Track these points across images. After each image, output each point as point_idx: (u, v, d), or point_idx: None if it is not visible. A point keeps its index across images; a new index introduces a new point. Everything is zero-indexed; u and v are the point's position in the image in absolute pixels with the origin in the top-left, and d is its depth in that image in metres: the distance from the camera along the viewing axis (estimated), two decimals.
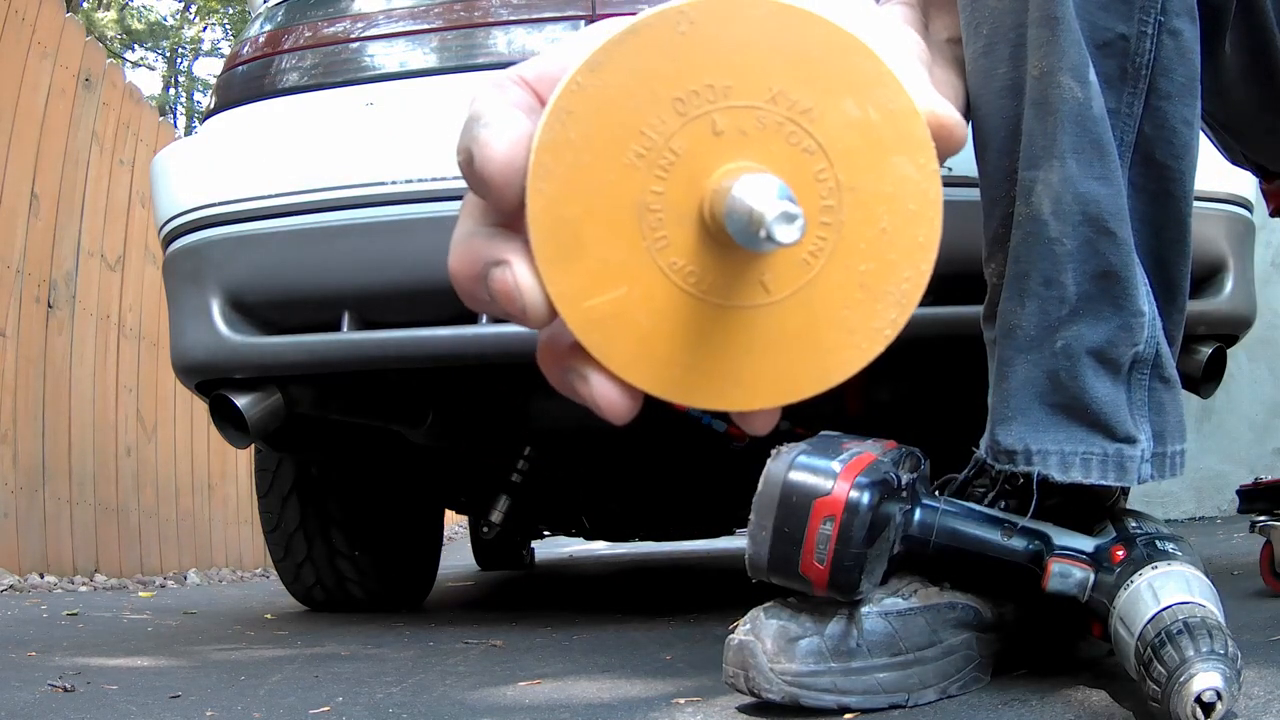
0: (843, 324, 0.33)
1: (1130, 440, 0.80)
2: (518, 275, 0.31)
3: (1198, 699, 0.65)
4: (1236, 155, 1.07)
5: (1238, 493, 1.50)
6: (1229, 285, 1.50)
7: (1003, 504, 0.86)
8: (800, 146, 0.31)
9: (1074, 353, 0.79)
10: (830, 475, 0.79)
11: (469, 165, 0.32)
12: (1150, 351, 0.79)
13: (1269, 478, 1.50)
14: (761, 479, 0.80)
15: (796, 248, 0.31)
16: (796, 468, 0.80)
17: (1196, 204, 1.42)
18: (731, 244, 0.30)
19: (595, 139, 0.31)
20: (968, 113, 0.81)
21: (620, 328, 0.31)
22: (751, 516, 0.81)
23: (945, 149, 0.35)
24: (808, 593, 0.81)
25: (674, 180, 0.31)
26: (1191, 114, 0.78)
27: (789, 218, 0.28)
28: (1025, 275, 0.80)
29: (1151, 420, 0.81)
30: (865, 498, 0.78)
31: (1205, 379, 1.54)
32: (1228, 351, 1.57)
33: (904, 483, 0.82)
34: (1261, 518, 1.36)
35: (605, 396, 0.33)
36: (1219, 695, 0.65)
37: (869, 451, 0.82)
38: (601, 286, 0.31)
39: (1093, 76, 0.74)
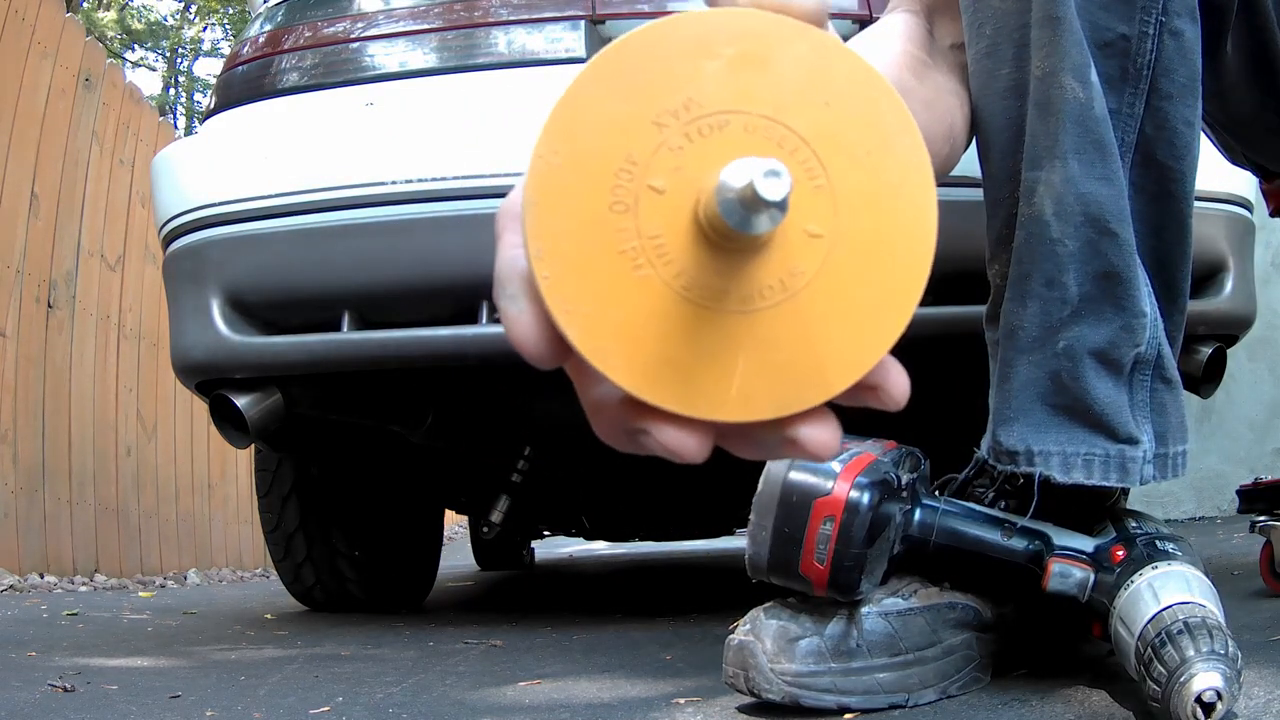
0: (831, 341, 0.32)
1: (1132, 441, 0.80)
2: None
3: (1198, 699, 0.65)
4: (1237, 155, 1.07)
5: (1238, 493, 1.50)
6: (1229, 285, 1.50)
7: (1003, 504, 0.86)
8: (791, 152, 0.31)
9: (1076, 353, 0.79)
10: (830, 475, 0.79)
11: (510, 335, 0.32)
12: (1152, 352, 0.79)
13: (1269, 478, 1.50)
14: (761, 479, 0.80)
15: (799, 254, 0.31)
16: (796, 468, 0.80)
17: (1196, 204, 1.42)
18: (732, 248, 0.30)
19: (579, 195, 0.30)
20: (972, 115, 0.81)
21: (631, 346, 0.31)
22: (751, 516, 0.81)
23: None
24: (808, 593, 0.81)
25: (670, 195, 0.31)
26: (1193, 115, 0.78)
27: (773, 173, 0.28)
28: (1027, 276, 0.80)
29: (1153, 421, 0.81)
30: (865, 498, 0.78)
31: (1205, 379, 1.53)
32: (1228, 351, 1.57)
33: (904, 483, 0.82)
34: (1261, 518, 1.36)
35: (675, 441, 0.32)
36: (1219, 695, 0.65)
37: (869, 452, 0.82)
38: (607, 309, 0.31)
39: (1094, 77, 0.74)
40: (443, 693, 1.06)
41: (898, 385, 0.34)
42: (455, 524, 7.22)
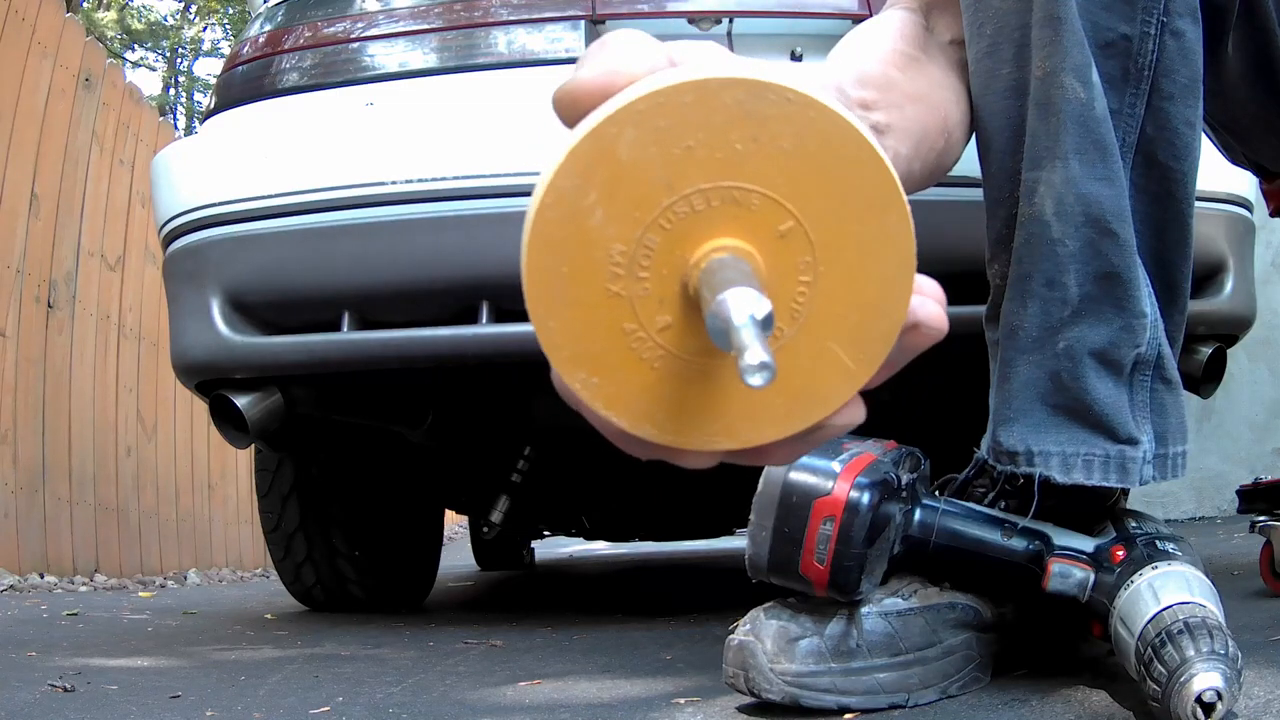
0: (827, 368, 0.35)
1: (1132, 441, 0.80)
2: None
3: (1198, 699, 0.65)
4: (1237, 155, 1.07)
5: (1237, 493, 1.51)
6: (1229, 285, 1.50)
7: (1003, 504, 0.86)
8: (773, 218, 0.32)
9: (1076, 354, 0.79)
10: (830, 475, 0.79)
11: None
12: (1152, 353, 0.79)
13: (1269, 478, 1.50)
14: (761, 479, 0.80)
15: (782, 315, 0.33)
16: (797, 468, 0.80)
17: (1196, 204, 1.42)
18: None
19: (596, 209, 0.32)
20: (971, 114, 0.81)
21: (634, 401, 0.34)
22: (751, 517, 0.81)
23: None
24: (808, 593, 0.81)
25: (658, 278, 0.33)
26: (1194, 115, 0.78)
27: (763, 368, 0.29)
28: (1028, 276, 0.80)
29: (1154, 421, 0.81)
30: (865, 498, 0.78)
31: (1205, 379, 1.54)
32: (1228, 351, 1.57)
33: (904, 483, 0.82)
34: (1261, 518, 1.36)
35: (686, 461, 0.37)
36: (1219, 695, 0.65)
37: (869, 452, 0.82)
38: (590, 346, 0.33)
39: (1096, 77, 0.74)
40: (443, 693, 1.06)
41: (933, 316, 0.36)
42: (455, 524, 7.21)
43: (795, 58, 1.51)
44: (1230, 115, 0.96)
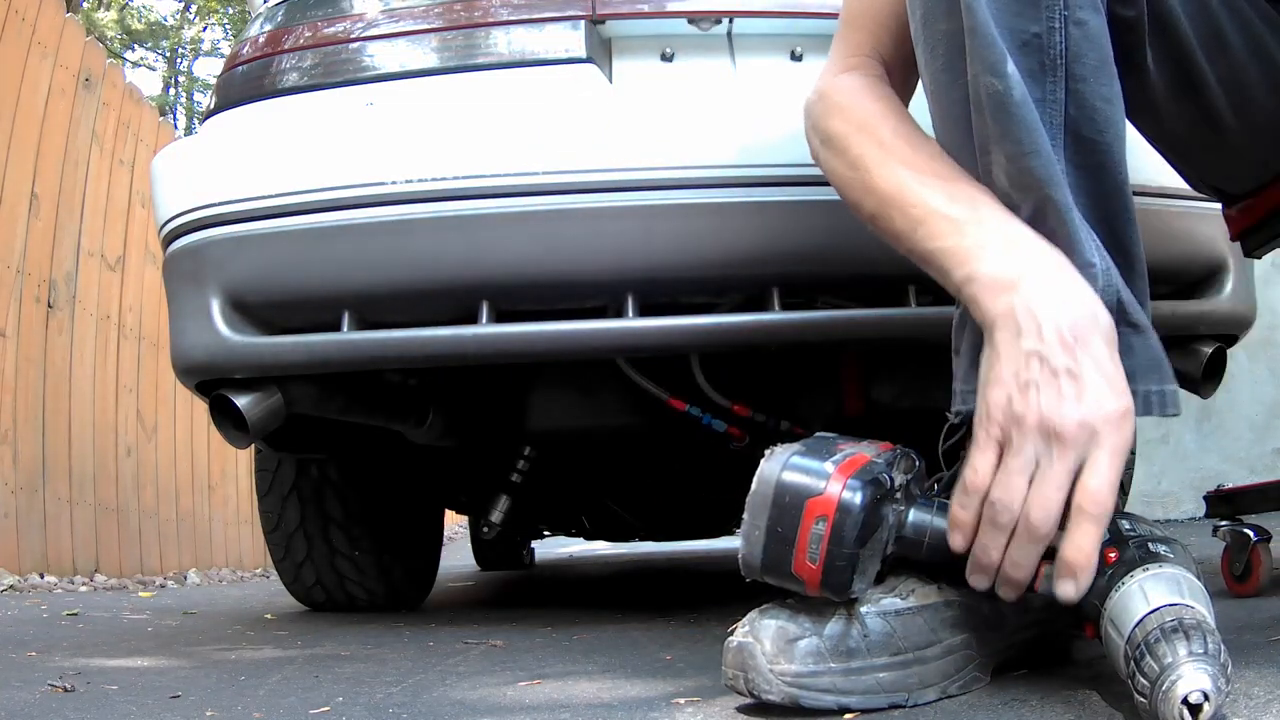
0: None
1: None
2: None
3: (1185, 700, 0.65)
4: (1194, 180, 1.10)
5: (1204, 498, 1.54)
6: (1229, 285, 1.51)
7: None
8: None
9: None
10: (823, 476, 0.79)
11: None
12: (1111, 299, 0.82)
13: (1230, 485, 1.54)
14: (755, 479, 0.81)
15: None
16: (790, 468, 0.80)
17: (1197, 205, 1.42)
18: None
19: None
20: (935, 122, 0.90)
21: None
22: (745, 516, 0.81)
23: None
24: (801, 592, 0.81)
25: None
26: (1109, 92, 0.84)
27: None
28: None
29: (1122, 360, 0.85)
30: (858, 498, 0.78)
31: (1205, 379, 1.54)
32: (1228, 351, 1.57)
33: (898, 484, 0.82)
34: (1224, 523, 1.40)
35: None
36: (1206, 696, 0.65)
37: (863, 453, 0.82)
38: None
39: (1010, 69, 0.80)
40: (443, 693, 1.06)
41: None
42: (455, 524, 7.22)
43: (795, 58, 1.51)
44: (1164, 132, 1.02)
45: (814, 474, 0.79)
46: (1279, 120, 0.95)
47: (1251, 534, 1.35)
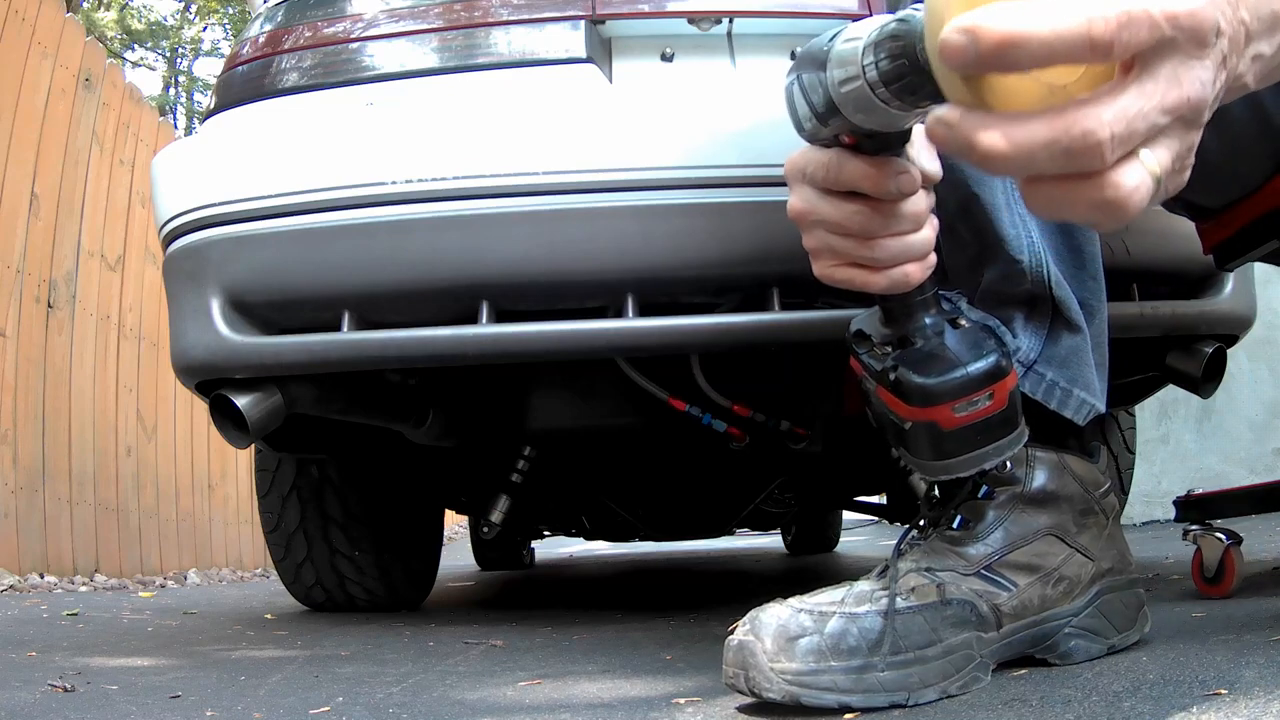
0: None
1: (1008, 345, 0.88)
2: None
3: None
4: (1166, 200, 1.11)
5: (1174, 503, 1.56)
6: (1229, 285, 1.51)
7: None
8: None
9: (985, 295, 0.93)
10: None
11: None
12: (1041, 291, 0.89)
13: (1200, 490, 1.55)
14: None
15: None
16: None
17: None
18: None
19: None
20: None
21: None
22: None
23: None
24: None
25: None
26: None
27: None
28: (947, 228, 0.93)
29: (1046, 346, 0.92)
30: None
31: (1205, 379, 1.54)
32: (1228, 351, 1.57)
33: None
34: (1194, 527, 1.41)
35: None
36: None
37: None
38: None
39: None
40: (443, 693, 1.06)
41: None
42: (455, 524, 7.22)
43: (795, 58, 1.51)
44: None
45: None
46: (1252, 135, 0.94)
47: (1224, 538, 1.35)
